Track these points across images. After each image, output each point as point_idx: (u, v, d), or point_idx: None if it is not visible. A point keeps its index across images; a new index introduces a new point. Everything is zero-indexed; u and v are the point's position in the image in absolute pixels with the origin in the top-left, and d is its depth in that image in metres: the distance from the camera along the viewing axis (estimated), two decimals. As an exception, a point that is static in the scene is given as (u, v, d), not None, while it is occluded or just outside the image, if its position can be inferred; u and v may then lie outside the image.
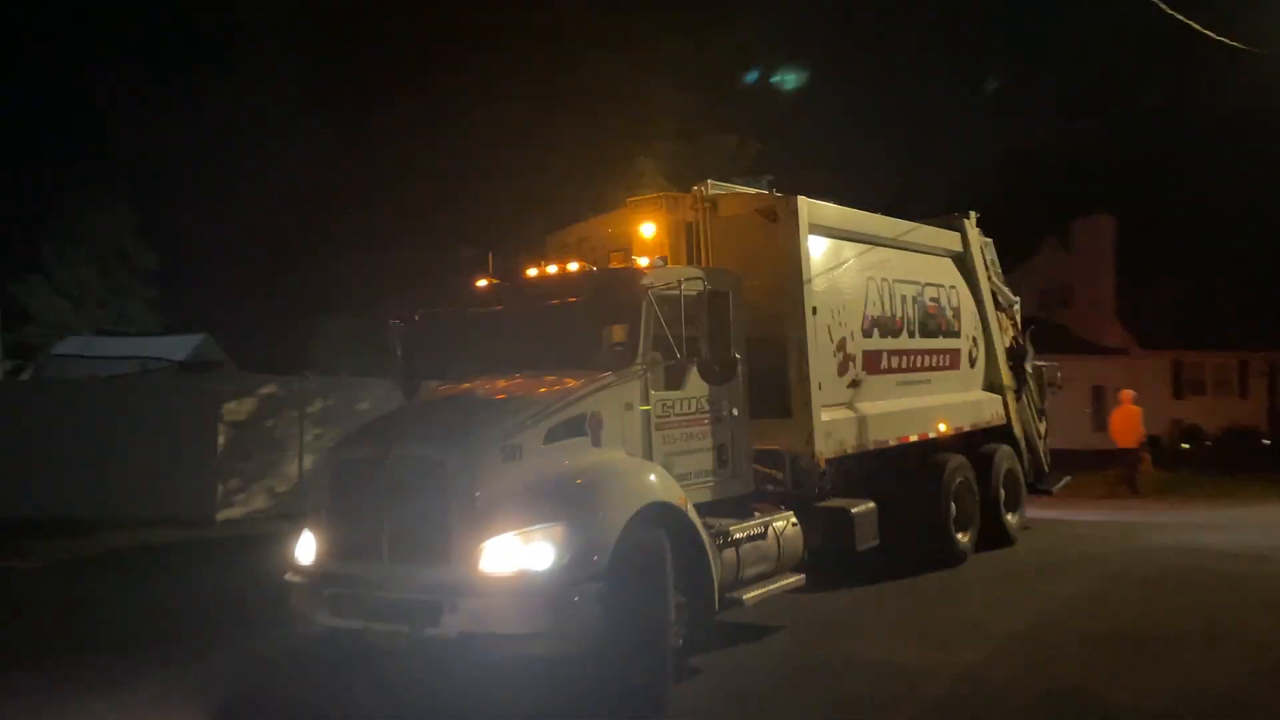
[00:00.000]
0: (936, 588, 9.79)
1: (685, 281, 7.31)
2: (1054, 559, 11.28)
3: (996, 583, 10.02)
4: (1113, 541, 12.57)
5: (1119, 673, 7.02)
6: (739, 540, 7.66)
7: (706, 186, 8.81)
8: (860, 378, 9.35)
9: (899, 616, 8.73)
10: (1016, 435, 12.43)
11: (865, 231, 9.73)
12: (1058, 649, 7.66)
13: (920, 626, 8.37)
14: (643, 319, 7.27)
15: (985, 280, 11.96)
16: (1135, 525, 14.21)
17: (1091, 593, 9.59)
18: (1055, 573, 10.51)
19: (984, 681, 6.92)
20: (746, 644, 7.86)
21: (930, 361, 10.71)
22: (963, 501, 10.95)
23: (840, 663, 7.41)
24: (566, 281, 7.81)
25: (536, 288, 7.93)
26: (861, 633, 8.24)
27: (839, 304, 9.09)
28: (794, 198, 8.56)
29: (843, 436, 8.92)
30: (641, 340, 7.26)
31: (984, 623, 8.34)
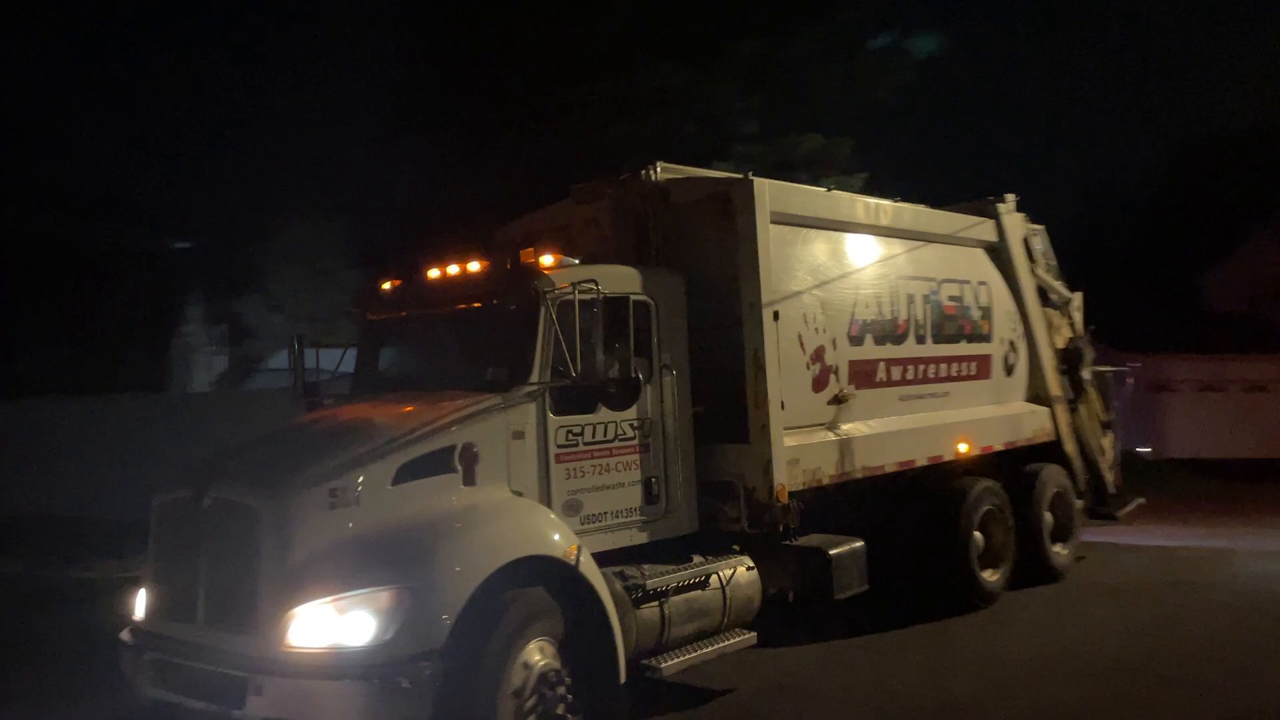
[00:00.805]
0: (929, 643, 8.25)
1: (589, 284, 6.07)
2: (1100, 607, 9.55)
3: (1006, 634, 8.46)
4: (1197, 570, 10.74)
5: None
6: (664, 593, 6.39)
7: (655, 169, 7.52)
8: (846, 393, 7.91)
9: (866, 681, 7.29)
10: (1069, 453, 10.74)
11: (855, 220, 8.27)
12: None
13: (882, 697, 6.93)
14: (540, 329, 6.08)
15: (1028, 274, 10.32)
16: (1232, 554, 12.29)
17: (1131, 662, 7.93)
18: (1093, 625, 8.83)
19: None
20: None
21: (948, 371, 9.17)
22: (991, 534, 9.39)
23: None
24: (462, 285, 6.66)
25: (432, 292, 6.80)
26: (812, 701, 6.86)
27: (816, 307, 7.68)
28: (749, 180, 7.20)
29: (817, 464, 7.51)
30: (538, 355, 6.07)
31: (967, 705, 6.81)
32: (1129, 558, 11.94)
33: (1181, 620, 8.87)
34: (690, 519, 6.90)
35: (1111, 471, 11.89)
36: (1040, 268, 10.96)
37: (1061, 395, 10.65)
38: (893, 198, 9.22)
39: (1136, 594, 9.89)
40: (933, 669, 7.55)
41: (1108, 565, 11.39)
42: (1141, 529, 13.43)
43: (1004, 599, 9.40)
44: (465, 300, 6.56)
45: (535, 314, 6.10)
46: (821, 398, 7.71)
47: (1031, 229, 10.92)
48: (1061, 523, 10.58)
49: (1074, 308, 11.72)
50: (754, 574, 7.12)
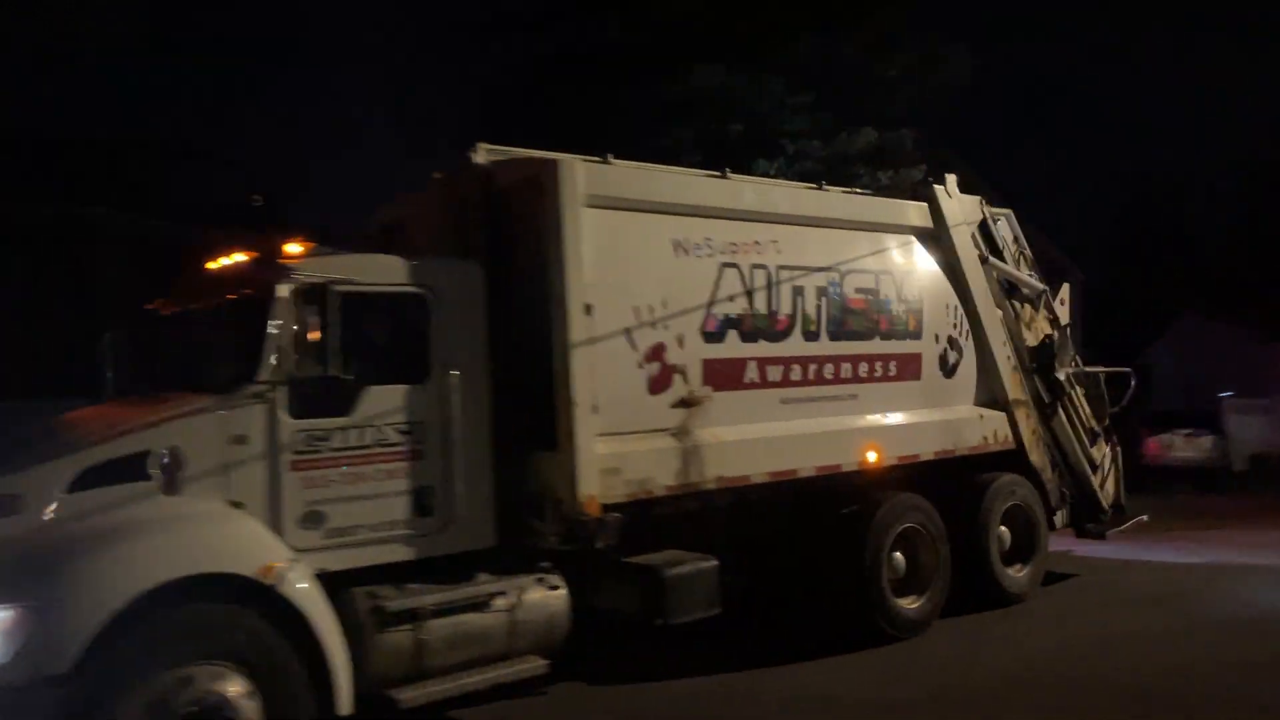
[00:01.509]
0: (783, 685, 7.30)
1: (335, 276, 5.57)
2: (1046, 636, 8.44)
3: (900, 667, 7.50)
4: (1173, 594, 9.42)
5: None
6: (418, 616, 5.79)
7: (478, 151, 6.93)
8: (699, 395, 7.13)
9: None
10: (1035, 463, 9.59)
11: (713, 205, 7.45)
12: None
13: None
14: (270, 323, 5.59)
15: (976, 265, 9.23)
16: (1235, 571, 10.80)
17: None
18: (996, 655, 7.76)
19: None
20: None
21: (855, 371, 8.22)
22: (915, 554, 8.42)
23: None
24: (218, 277, 6.24)
25: (198, 285, 6.41)
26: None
27: (654, 300, 6.93)
28: (557, 160, 6.54)
29: (647, 473, 6.76)
30: (265, 352, 5.57)
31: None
32: (1136, 574, 10.65)
33: (1109, 648, 7.78)
34: (482, 533, 6.29)
35: (1109, 485, 10.64)
36: (1007, 256, 9.86)
37: (1024, 399, 9.52)
38: (818, 183, 8.44)
39: (1082, 613, 8.79)
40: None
41: (1094, 584, 10.18)
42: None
43: (937, 626, 8.41)
44: (218, 294, 6.13)
45: (266, 306, 5.62)
46: (661, 400, 6.95)
47: (993, 213, 9.83)
48: (1022, 541, 9.47)
49: (1055, 301, 10.55)
50: (559, 595, 6.44)
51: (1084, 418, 10.37)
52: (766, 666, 7.49)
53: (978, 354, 9.24)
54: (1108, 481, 10.75)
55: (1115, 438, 10.92)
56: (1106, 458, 10.78)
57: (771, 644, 7.99)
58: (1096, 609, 9.31)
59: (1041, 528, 9.69)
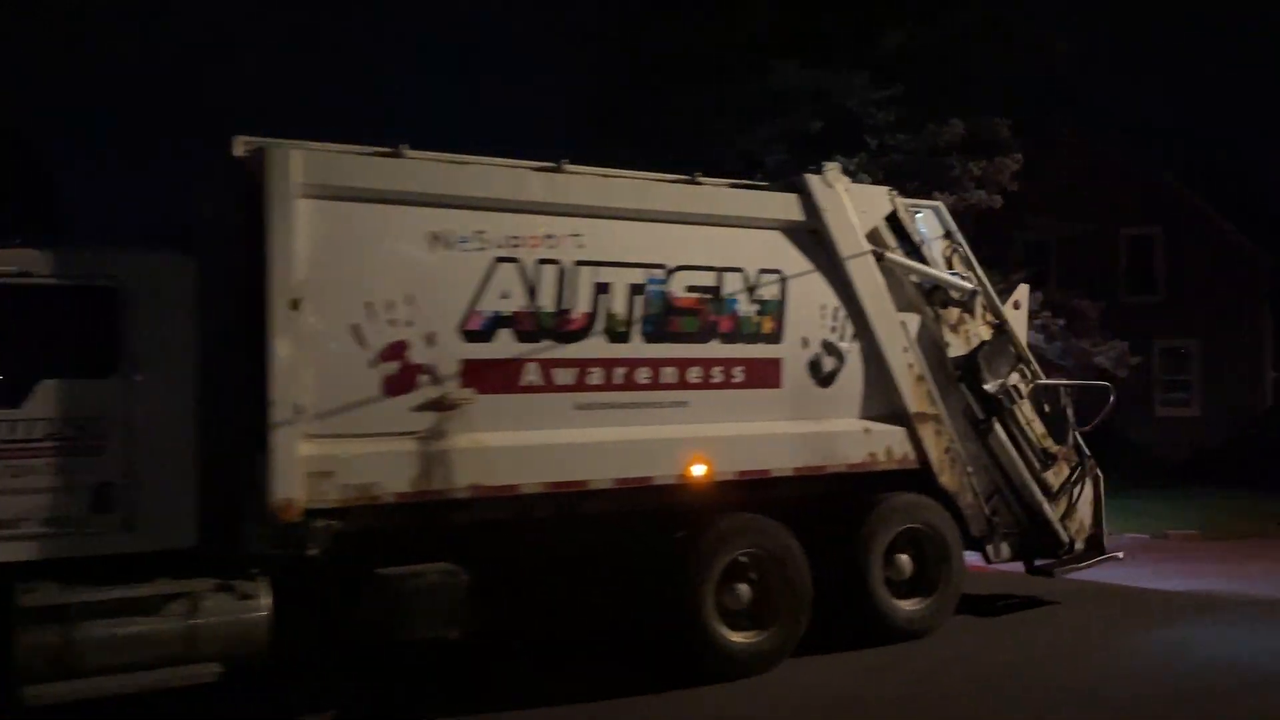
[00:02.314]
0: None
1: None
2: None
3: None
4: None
5: None
6: (70, 615, 5.70)
7: (236, 144, 6.72)
8: (455, 397, 6.68)
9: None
10: (948, 486, 8.49)
11: (489, 197, 6.96)
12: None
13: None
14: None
15: (865, 263, 8.26)
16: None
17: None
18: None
19: None
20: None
21: (683, 377, 7.50)
22: (760, 583, 7.63)
23: None
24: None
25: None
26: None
27: (394, 296, 6.53)
28: (269, 148, 6.30)
29: (371, 478, 6.38)
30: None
31: None
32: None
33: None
34: (177, 534, 6.14)
35: (1078, 516, 9.32)
36: (932, 253, 8.82)
37: (933, 412, 8.44)
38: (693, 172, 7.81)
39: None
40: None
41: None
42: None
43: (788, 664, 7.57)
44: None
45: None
46: (403, 402, 6.56)
47: (909, 205, 8.81)
48: (923, 571, 8.41)
49: (1007, 304, 9.35)
50: (253, 603, 6.17)
51: (1034, 437, 9.10)
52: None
53: (867, 361, 8.27)
54: (1075, 512, 9.41)
55: (1089, 462, 9.54)
56: (1085, 485, 9.44)
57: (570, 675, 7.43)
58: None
59: (954, 558, 8.55)
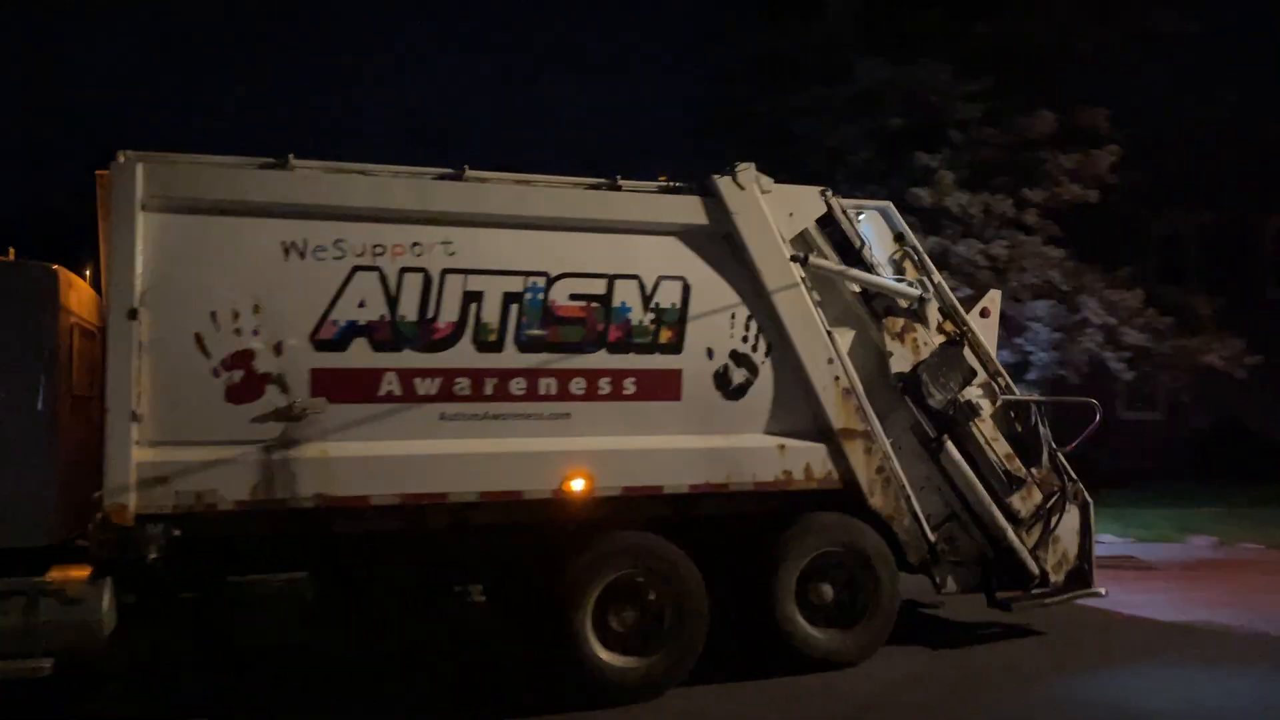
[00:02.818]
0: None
1: None
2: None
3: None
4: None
5: None
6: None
7: (119, 157, 6.97)
8: (304, 406, 6.69)
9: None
10: (879, 509, 7.90)
11: (351, 206, 6.89)
12: None
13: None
14: None
15: (782, 267, 7.74)
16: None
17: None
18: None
19: None
20: None
21: (565, 388, 7.25)
22: (649, 606, 7.33)
23: None
24: None
25: None
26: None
27: (241, 305, 6.59)
28: (123, 161, 6.48)
29: (207, 485, 6.44)
30: None
31: None
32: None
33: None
34: (29, 533, 6.38)
35: (1057, 547, 8.51)
36: (875, 257, 8.22)
37: (862, 429, 7.85)
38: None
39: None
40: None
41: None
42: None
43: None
44: None
45: None
46: (246, 410, 6.62)
47: (848, 207, 8.23)
48: (844, 600, 7.85)
49: (973, 312, 8.62)
50: (92, 605, 6.32)
51: (997, 458, 8.30)
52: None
53: (785, 374, 7.76)
54: (1054, 543, 8.55)
55: (1074, 487, 8.64)
56: (1066, 513, 8.58)
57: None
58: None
59: (884, 586, 7.92)
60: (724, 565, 7.66)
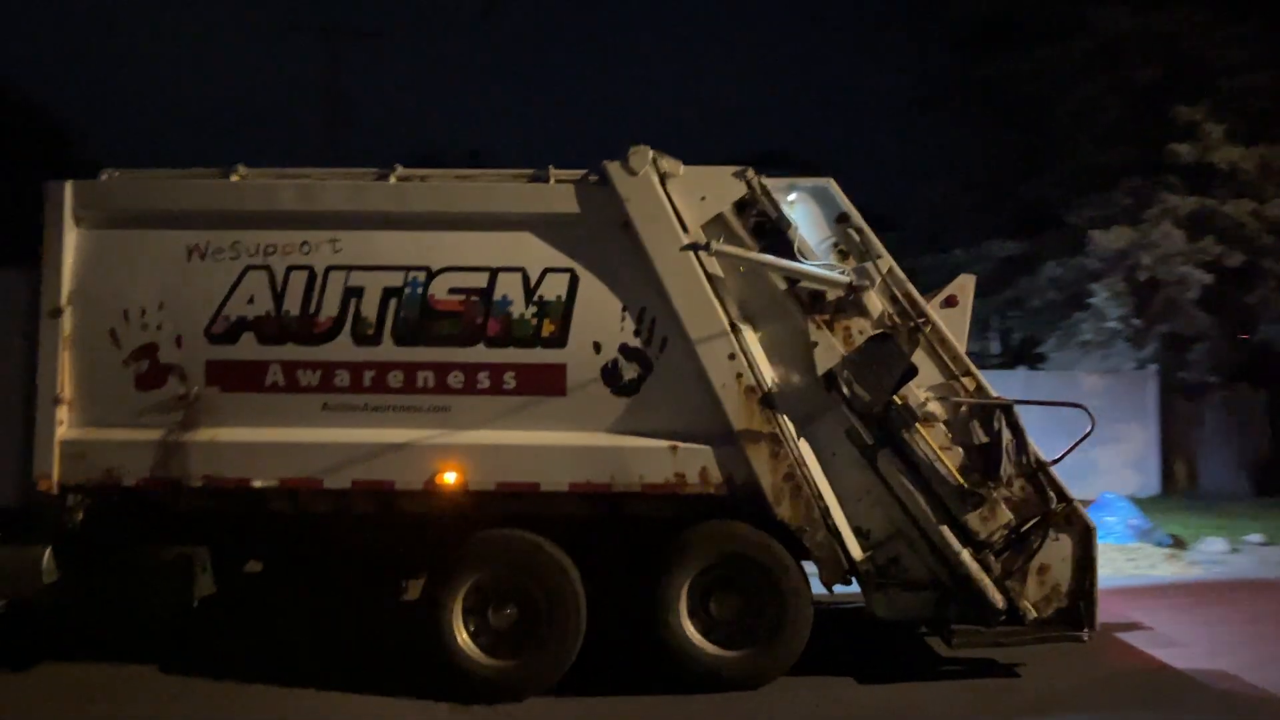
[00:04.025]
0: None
1: None
2: None
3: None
4: None
5: None
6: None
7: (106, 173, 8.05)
8: (196, 394, 7.40)
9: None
10: (786, 519, 7.17)
11: (246, 210, 7.46)
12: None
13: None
14: None
15: (677, 257, 7.26)
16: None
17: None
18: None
19: None
20: None
21: (442, 381, 7.35)
22: (504, 606, 7.30)
23: None
24: None
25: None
26: None
27: (147, 304, 7.40)
28: (48, 183, 7.52)
29: (116, 463, 7.31)
30: None
31: None
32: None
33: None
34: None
35: (1023, 576, 7.33)
36: (804, 241, 7.50)
37: (764, 431, 7.21)
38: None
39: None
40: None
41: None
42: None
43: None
44: None
45: None
46: (150, 397, 7.44)
47: (771, 188, 7.52)
48: (751, 614, 7.24)
49: (934, 301, 7.60)
50: (32, 553, 7.42)
51: (943, 470, 7.20)
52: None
53: (680, 370, 7.28)
54: (1037, 572, 7.30)
55: (1065, 508, 7.28)
56: (1056, 538, 7.30)
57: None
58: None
59: (788, 603, 7.18)
60: (615, 573, 7.36)
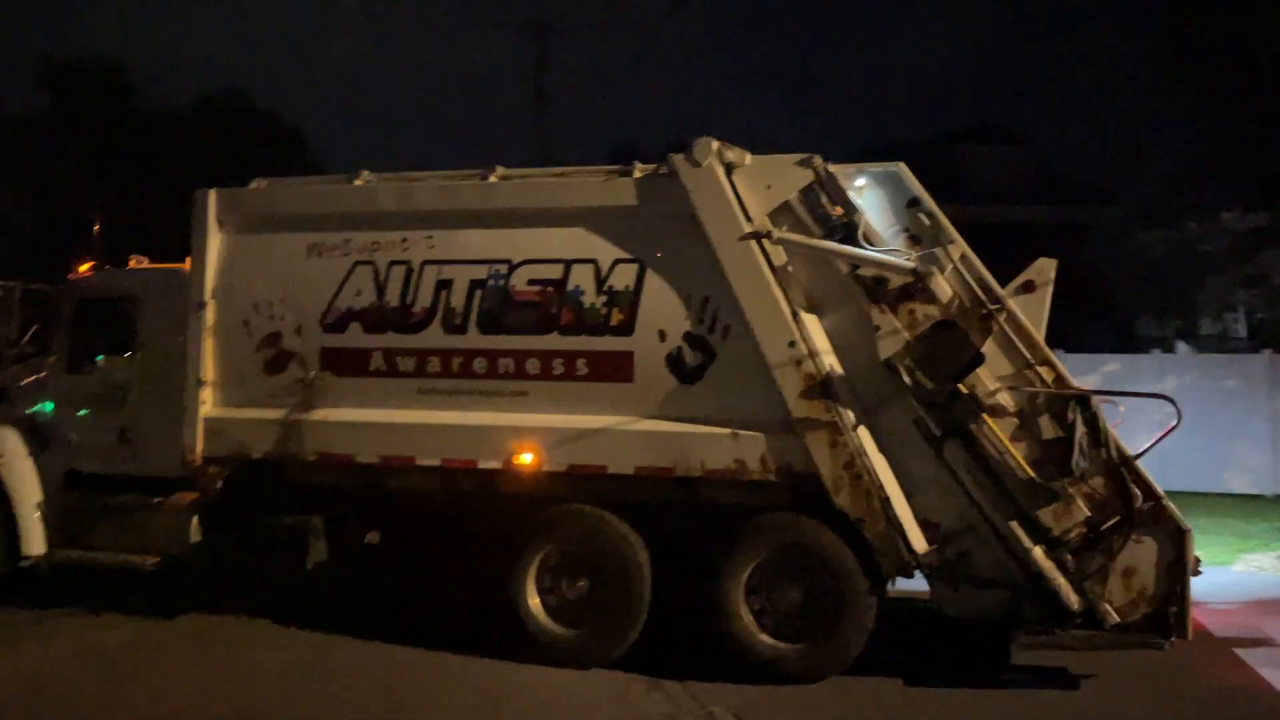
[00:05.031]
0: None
1: (79, 283, 9.18)
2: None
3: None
4: None
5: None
6: (85, 506, 8.91)
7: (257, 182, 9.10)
8: (317, 378, 8.21)
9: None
10: (845, 509, 7.08)
11: (356, 211, 8.20)
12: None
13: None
14: (62, 315, 9.37)
15: (740, 245, 7.30)
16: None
17: None
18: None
19: None
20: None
21: (520, 367, 7.77)
22: (572, 578, 7.72)
23: None
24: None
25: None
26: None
27: (273, 296, 8.31)
28: (196, 192, 8.57)
29: (246, 439, 8.26)
30: (61, 333, 9.36)
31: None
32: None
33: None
34: (166, 464, 8.74)
35: (1102, 577, 6.98)
36: (871, 226, 7.40)
37: (824, 420, 7.16)
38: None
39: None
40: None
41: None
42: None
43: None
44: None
45: (61, 304, 9.33)
46: (277, 380, 8.33)
47: (840, 174, 7.42)
48: (801, 608, 7.25)
49: (1012, 286, 7.31)
50: (184, 519, 8.54)
51: (1013, 463, 6.89)
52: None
53: (742, 357, 7.33)
54: (1116, 575, 6.87)
55: (1153, 507, 6.80)
56: (1141, 540, 6.86)
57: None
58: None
59: (849, 597, 7.09)
60: (685, 556, 7.54)
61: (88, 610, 8.75)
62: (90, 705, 6.86)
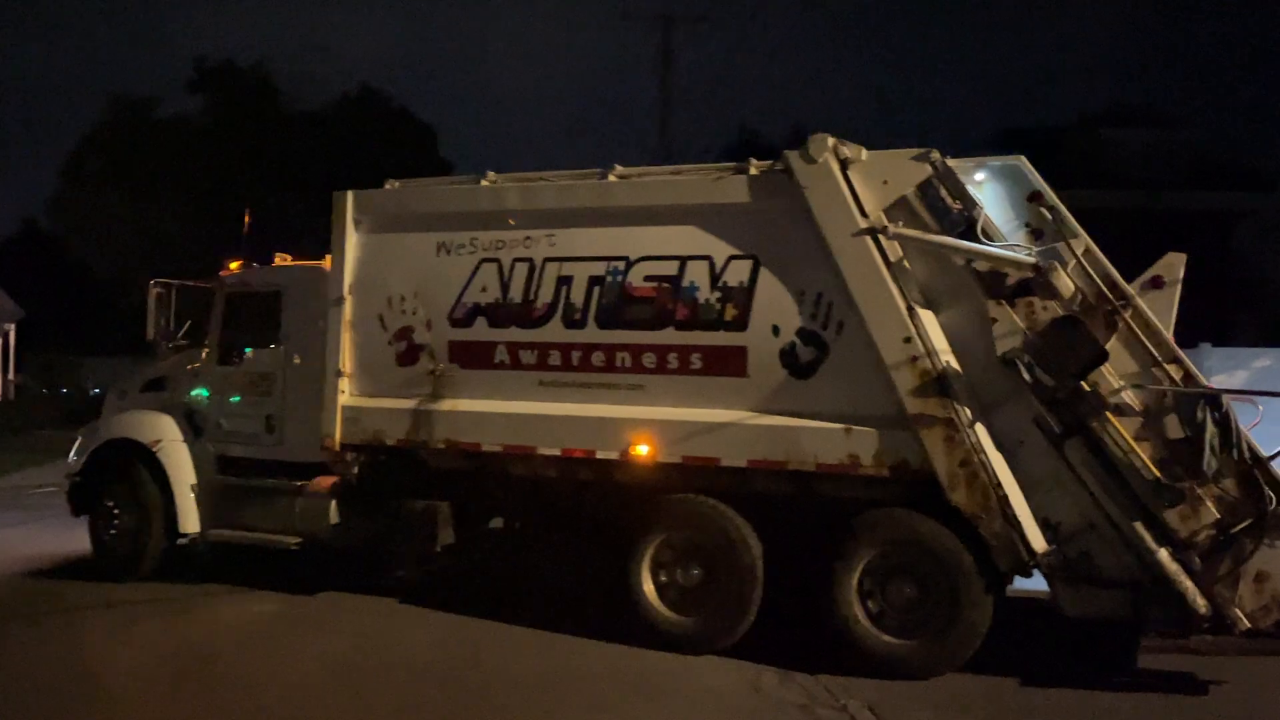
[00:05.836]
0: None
1: (232, 279, 9.86)
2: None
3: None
4: None
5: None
6: (235, 488, 9.52)
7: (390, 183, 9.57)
8: (441, 370, 8.60)
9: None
10: (961, 505, 7.05)
11: (482, 210, 8.49)
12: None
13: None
14: (214, 309, 10.05)
15: (855, 241, 7.32)
16: None
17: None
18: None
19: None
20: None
21: (637, 361, 7.96)
22: (688, 567, 7.88)
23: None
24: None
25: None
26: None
27: (406, 292, 8.71)
28: (336, 193, 9.04)
29: (380, 426, 8.72)
30: (212, 326, 10.04)
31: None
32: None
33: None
34: (307, 450, 9.29)
35: (1233, 581, 6.79)
36: (985, 222, 7.32)
37: (940, 416, 7.13)
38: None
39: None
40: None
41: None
42: None
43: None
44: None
45: (213, 299, 10.00)
46: (408, 372, 8.74)
47: (956, 168, 7.36)
48: (915, 604, 7.24)
49: (1140, 281, 7.14)
50: (325, 501, 9.05)
51: (1137, 463, 6.73)
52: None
53: (856, 353, 7.35)
54: (1247, 578, 6.65)
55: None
56: (1269, 546, 6.62)
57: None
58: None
59: (961, 595, 7.04)
60: (800, 550, 7.61)
61: (239, 585, 9.39)
62: (256, 669, 7.44)
